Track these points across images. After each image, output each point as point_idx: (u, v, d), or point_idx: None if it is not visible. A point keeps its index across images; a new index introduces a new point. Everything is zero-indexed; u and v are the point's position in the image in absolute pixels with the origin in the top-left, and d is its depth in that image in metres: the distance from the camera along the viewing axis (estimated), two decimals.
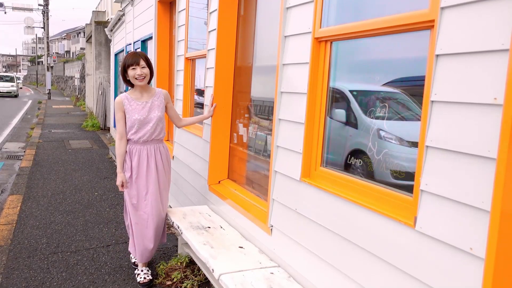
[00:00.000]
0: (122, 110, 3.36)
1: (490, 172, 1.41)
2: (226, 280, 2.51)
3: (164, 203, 3.58)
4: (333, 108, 2.44)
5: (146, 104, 3.37)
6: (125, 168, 3.41)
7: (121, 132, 3.39)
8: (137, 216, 3.45)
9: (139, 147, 3.38)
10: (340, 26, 2.25)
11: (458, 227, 1.53)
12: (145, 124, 3.35)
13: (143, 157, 3.39)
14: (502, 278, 1.40)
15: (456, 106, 1.55)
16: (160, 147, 3.50)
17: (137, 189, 3.40)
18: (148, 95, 3.42)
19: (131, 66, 3.28)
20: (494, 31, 1.41)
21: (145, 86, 3.40)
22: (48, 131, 12.65)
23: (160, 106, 3.42)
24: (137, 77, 3.28)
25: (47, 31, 30.19)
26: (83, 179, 6.93)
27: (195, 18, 4.63)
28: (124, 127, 3.39)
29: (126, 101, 3.35)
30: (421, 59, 1.78)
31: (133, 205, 3.43)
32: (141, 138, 3.36)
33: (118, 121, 3.37)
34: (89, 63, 17.45)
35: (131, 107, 3.35)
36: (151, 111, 3.37)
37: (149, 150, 3.41)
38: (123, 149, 3.38)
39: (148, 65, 3.34)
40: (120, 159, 3.39)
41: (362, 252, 2.02)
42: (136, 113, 3.33)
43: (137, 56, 3.32)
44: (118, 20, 10.31)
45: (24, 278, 3.51)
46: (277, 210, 2.76)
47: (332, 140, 2.46)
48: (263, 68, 3.44)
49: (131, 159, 3.40)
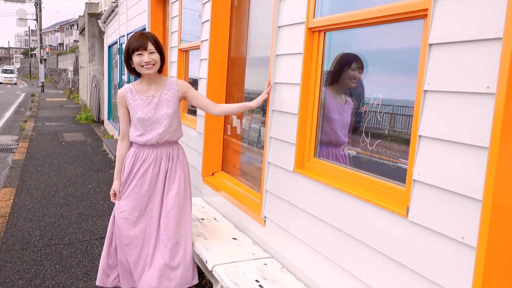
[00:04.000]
0: (124, 105, 2.75)
1: (482, 161, 1.41)
2: (220, 271, 2.51)
3: (183, 230, 2.80)
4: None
5: (152, 99, 2.68)
6: (124, 174, 2.78)
7: (122, 132, 2.82)
8: (127, 236, 2.74)
9: (148, 150, 2.73)
10: (333, 16, 2.23)
11: (450, 217, 1.54)
12: (152, 124, 2.68)
13: (149, 162, 2.72)
14: (493, 267, 1.41)
15: (449, 95, 1.54)
16: (173, 150, 2.80)
17: (135, 201, 2.74)
18: (157, 87, 2.72)
19: (137, 51, 2.59)
20: (487, 19, 1.40)
21: (154, 76, 2.71)
22: (41, 124, 12.57)
23: (172, 101, 2.71)
24: (144, 65, 2.60)
25: (40, 23, 29.90)
26: (77, 172, 6.90)
27: (189, 10, 4.60)
28: (127, 126, 2.79)
29: (129, 95, 2.71)
30: (415, 49, 1.77)
31: (126, 220, 2.73)
32: (149, 141, 2.70)
33: (120, 118, 2.81)
34: (82, 56, 17.32)
35: (135, 102, 2.70)
36: (158, 108, 2.68)
37: (159, 154, 2.74)
38: (123, 152, 2.81)
39: (158, 50, 2.64)
40: (118, 164, 2.83)
41: (355, 242, 2.02)
42: (139, 110, 2.68)
43: (144, 38, 2.61)
44: (111, 12, 10.23)
45: (17, 270, 3.50)
46: (271, 201, 2.76)
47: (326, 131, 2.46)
48: (257, 59, 3.42)
49: (134, 163, 2.75)
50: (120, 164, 2.81)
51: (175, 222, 2.73)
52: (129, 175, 2.75)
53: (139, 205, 2.74)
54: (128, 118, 2.78)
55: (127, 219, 2.74)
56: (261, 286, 2.34)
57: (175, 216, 2.74)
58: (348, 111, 2.34)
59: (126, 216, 2.73)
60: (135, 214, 2.73)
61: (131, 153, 2.77)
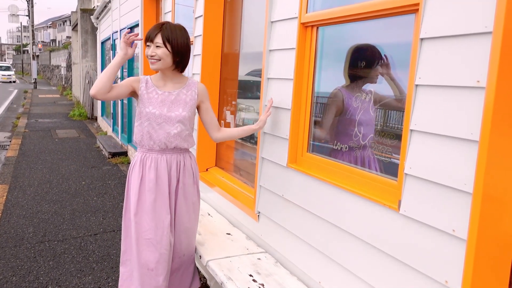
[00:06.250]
0: (131, 86, 2.42)
1: (473, 154, 1.42)
2: (214, 266, 2.52)
3: (191, 247, 2.66)
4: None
5: (168, 95, 2.40)
6: (131, 183, 2.44)
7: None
8: (152, 261, 2.40)
9: (155, 156, 2.43)
10: (325, 11, 2.24)
11: (441, 210, 1.55)
12: (161, 123, 2.38)
13: (162, 170, 2.42)
14: (483, 259, 1.42)
15: (440, 89, 1.56)
16: (184, 159, 2.51)
17: (156, 218, 2.40)
18: (175, 85, 2.45)
19: (146, 41, 2.36)
20: (477, 14, 1.41)
21: (168, 72, 2.42)
22: (34, 120, 12.49)
23: (190, 103, 2.43)
24: (149, 58, 2.37)
25: (32, 19, 29.67)
26: (70, 168, 6.87)
27: (182, 6, 4.58)
28: (116, 86, 2.37)
29: (144, 85, 2.42)
30: (407, 44, 1.78)
31: (149, 241, 2.39)
32: (156, 144, 2.41)
33: (118, 84, 2.42)
34: (75, 52, 17.20)
35: (148, 94, 2.40)
36: (173, 107, 2.39)
37: (168, 162, 2.44)
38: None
39: (170, 45, 2.31)
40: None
41: (348, 236, 2.03)
42: (151, 104, 2.38)
43: (156, 29, 2.33)
44: (104, 8, 10.17)
45: (11, 267, 3.49)
46: (264, 196, 2.77)
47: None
48: (250, 55, 3.42)
49: (143, 171, 2.42)
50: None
51: (186, 240, 2.59)
52: (141, 186, 2.41)
53: (161, 221, 2.40)
54: (123, 88, 2.40)
55: (150, 240, 2.39)
56: (255, 280, 2.35)
57: (187, 234, 2.58)
58: (372, 107, 2.16)
59: (149, 236, 2.39)
60: (158, 234, 2.39)
61: (137, 160, 2.45)
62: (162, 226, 2.39)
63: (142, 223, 2.40)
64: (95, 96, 2.29)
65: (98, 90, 2.28)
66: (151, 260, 2.39)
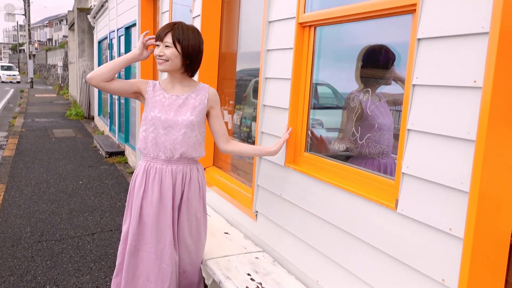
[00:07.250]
0: (136, 85, 2.34)
1: (469, 154, 1.43)
2: (212, 265, 2.53)
3: (197, 266, 2.53)
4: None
5: (176, 99, 2.28)
6: (134, 195, 2.32)
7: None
8: (152, 273, 2.31)
9: (160, 166, 2.29)
10: (323, 11, 2.25)
11: (438, 208, 1.56)
12: (167, 128, 2.24)
13: (167, 184, 2.28)
14: (479, 257, 1.44)
15: (437, 89, 1.57)
16: (191, 171, 2.36)
17: (158, 233, 2.30)
18: (183, 89, 2.33)
19: (156, 40, 2.25)
20: (474, 14, 1.43)
21: (177, 75, 2.31)
22: (31, 120, 12.46)
23: (198, 107, 2.30)
24: (157, 58, 2.24)
25: (28, 18, 29.56)
26: (67, 168, 6.86)
27: (179, 6, 4.58)
28: (122, 81, 2.32)
29: (151, 88, 2.33)
30: (405, 44, 1.79)
31: (149, 254, 2.30)
32: (161, 152, 2.27)
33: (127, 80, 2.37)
34: (72, 51, 17.16)
35: (155, 97, 2.29)
36: (180, 111, 2.26)
37: (174, 173, 2.30)
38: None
39: (180, 46, 2.19)
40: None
41: (345, 235, 2.05)
42: (157, 108, 2.26)
43: (167, 28, 2.22)
44: (101, 7, 10.14)
45: (8, 267, 3.49)
46: (262, 196, 2.78)
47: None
48: (248, 54, 3.42)
49: (146, 182, 2.29)
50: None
51: (187, 257, 2.45)
52: (144, 199, 2.29)
53: (163, 236, 2.29)
54: (127, 85, 2.33)
55: (151, 254, 2.31)
56: (253, 279, 2.36)
57: (187, 250, 2.44)
58: (388, 109, 2.12)
59: (151, 250, 2.30)
60: (159, 248, 2.30)
61: (141, 170, 2.32)
62: (164, 241, 2.29)
63: (144, 236, 2.31)
64: (90, 79, 2.20)
65: (95, 75, 2.20)
66: (150, 273, 2.32)
